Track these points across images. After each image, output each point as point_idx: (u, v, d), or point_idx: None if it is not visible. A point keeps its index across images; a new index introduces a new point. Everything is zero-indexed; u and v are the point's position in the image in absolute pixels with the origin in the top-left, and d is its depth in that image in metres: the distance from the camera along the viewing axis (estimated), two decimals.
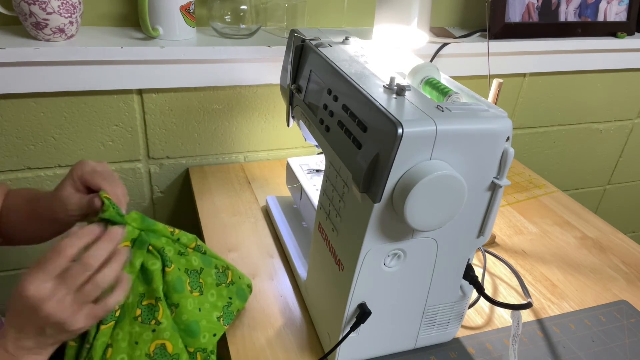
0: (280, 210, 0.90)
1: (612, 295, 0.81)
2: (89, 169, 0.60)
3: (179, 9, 0.90)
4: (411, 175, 0.49)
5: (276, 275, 0.79)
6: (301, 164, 0.88)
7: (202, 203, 0.95)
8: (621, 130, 1.46)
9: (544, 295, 0.80)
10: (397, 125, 0.48)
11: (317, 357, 0.66)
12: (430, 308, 0.64)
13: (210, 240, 0.85)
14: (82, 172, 0.60)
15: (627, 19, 1.23)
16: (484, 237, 0.60)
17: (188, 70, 0.94)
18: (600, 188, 1.57)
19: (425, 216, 0.51)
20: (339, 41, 0.73)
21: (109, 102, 0.95)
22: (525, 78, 1.25)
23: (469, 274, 0.62)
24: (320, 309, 0.68)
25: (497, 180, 0.55)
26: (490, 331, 0.72)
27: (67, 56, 0.85)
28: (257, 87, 1.03)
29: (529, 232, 0.95)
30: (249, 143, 1.10)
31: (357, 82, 0.58)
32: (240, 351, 0.66)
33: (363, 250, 0.54)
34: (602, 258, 0.89)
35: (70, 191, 0.61)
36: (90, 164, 0.61)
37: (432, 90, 0.60)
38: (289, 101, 0.77)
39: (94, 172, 0.60)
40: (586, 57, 1.24)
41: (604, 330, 0.74)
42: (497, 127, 0.53)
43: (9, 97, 0.89)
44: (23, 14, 0.82)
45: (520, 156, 1.37)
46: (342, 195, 0.58)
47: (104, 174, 0.60)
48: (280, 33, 1.01)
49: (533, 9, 1.13)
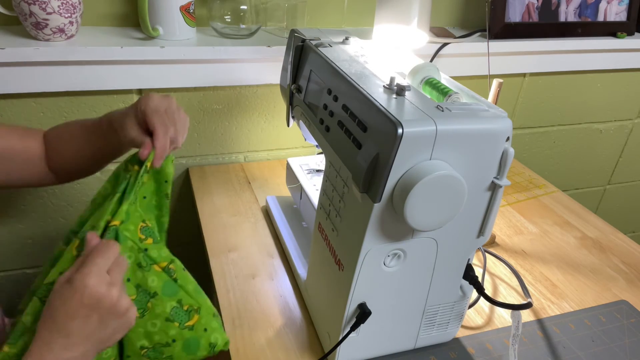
0: (280, 210, 0.90)
1: (612, 295, 0.81)
2: (152, 105, 0.61)
3: (179, 9, 0.90)
4: (411, 175, 0.49)
5: (276, 275, 0.79)
6: (301, 164, 0.88)
7: (202, 203, 0.95)
8: (621, 130, 1.46)
9: (544, 295, 0.80)
10: (397, 125, 0.48)
11: (317, 357, 0.66)
12: (430, 308, 0.64)
13: (210, 240, 0.85)
14: (145, 107, 0.61)
15: (627, 19, 1.23)
16: (484, 237, 0.60)
17: (188, 70, 0.94)
18: (600, 188, 1.57)
19: (425, 216, 0.51)
20: (339, 41, 0.73)
21: (109, 102, 0.95)
22: (525, 78, 1.25)
23: (469, 274, 0.62)
24: (320, 309, 0.68)
25: (497, 180, 0.55)
26: (490, 331, 0.72)
27: (67, 56, 0.85)
28: (257, 87, 1.03)
29: (529, 232, 0.95)
30: (249, 143, 1.10)
31: (357, 82, 0.58)
32: (240, 351, 0.66)
33: (363, 250, 0.54)
34: (602, 258, 0.89)
35: (132, 122, 0.62)
36: (154, 100, 0.62)
37: (432, 90, 0.60)
38: (289, 101, 0.77)
39: (155, 111, 0.61)
40: (586, 57, 1.24)
41: (604, 330, 0.74)
42: (497, 127, 0.53)
43: (9, 97, 0.89)
44: (23, 14, 0.82)
45: (520, 156, 1.37)
46: (342, 195, 0.58)
47: (164, 115, 0.61)
48: (280, 33, 1.01)
49: (533, 9, 1.13)
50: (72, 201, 1.03)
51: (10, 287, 1.09)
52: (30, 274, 1.08)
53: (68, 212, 1.04)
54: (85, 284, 0.49)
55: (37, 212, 1.02)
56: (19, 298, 1.10)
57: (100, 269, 0.50)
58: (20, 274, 1.08)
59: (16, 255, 1.05)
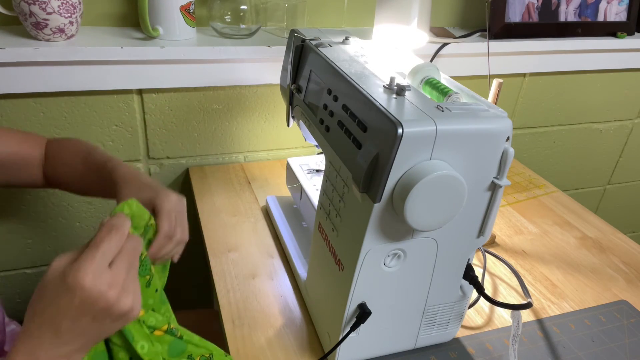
0: (280, 210, 0.90)
1: (612, 295, 0.81)
2: (167, 208, 0.59)
3: (179, 9, 0.90)
4: (411, 175, 0.49)
5: (276, 275, 0.79)
6: (301, 164, 0.88)
7: (202, 203, 0.95)
8: (621, 130, 1.46)
9: (544, 295, 0.80)
10: (397, 125, 0.48)
11: (317, 357, 0.66)
12: (430, 308, 0.64)
13: (210, 240, 0.85)
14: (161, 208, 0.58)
15: (627, 19, 1.23)
16: (484, 237, 0.60)
17: (188, 70, 0.94)
18: (600, 188, 1.57)
19: (425, 216, 0.51)
20: (339, 41, 0.73)
21: (109, 102, 0.95)
22: (525, 78, 1.25)
23: (469, 274, 0.62)
24: (320, 309, 0.68)
25: (497, 180, 0.55)
26: (490, 331, 0.72)
27: (67, 56, 0.85)
28: (257, 87, 1.03)
29: (529, 232, 0.95)
30: (249, 143, 1.10)
31: (357, 82, 0.58)
32: (240, 351, 0.66)
33: (363, 250, 0.54)
34: (602, 258, 0.89)
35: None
36: (171, 202, 0.59)
37: (432, 90, 0.60)
38: (289, 101, 0.77)
39: (167, 214, 0.58)
40: (586, 57, 1.24)
41: (604, 330, 0.74)
42: (497, 127, 0.53)
43: (9, 97, 0.89)
44: (23, 14, 0.82)
45: (520, 156, 1.37)
46: (342, 195, 0.58)
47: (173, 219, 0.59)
48: (280, 33, 1.01)
49: (533, 9, 1.13)
50: (72, 201, 1.03)
51: (10, 287, 1.09)
52: (30, 274, 1.08)
53: (68, 212, 1.04)
54: (79, 284, 0.43)
55: (37, 212, 1.02)
56: (19, 298, 1.10)
57: (99, 266, 0.45)
58: (20, 274, 1.08)
59: (16, 255, 1.05)
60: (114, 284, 0.45)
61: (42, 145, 0.75)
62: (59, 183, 0.75)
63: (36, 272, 1.09)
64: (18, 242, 1.04)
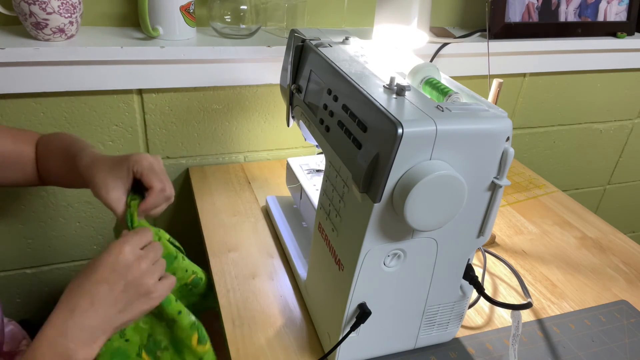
0: (280, 210, 0.90)
1: (612, 295, 0.81)
2: (147, 164, 0.62)
3: (179, 9, 0.90)
4: (411, 175, 0.49)
5: (276, 275, 0.79)
6: (301, 164, 0.88)
7: (202, 203, 0.95)
8: (621, 130, 1.46)
9: (544, 295, 0.80)
10: (397, 125, 0.48)
11: (317, 357, 0.66)
12: (430, 308, 0.64)
13: (210, 240, 0.85)
14: (141, 167, 0.62)
15: (627, 19, 1.23)
16: (484, 237, 0.60)
17: (188, 70, 0.94)
18: (600, 188, 1.57)
19: (425, 216, 0.51)
20: (339, 41, 0.73)
21: (109, 102, 0.95)
22: (525, 78, 1.25)
23: (469, 274, 0.62)
24: (320, 309, 0.68)
25: (497, 180, 0.55)
26: (490, 331, 0.72)
27: (67, 56, 0.85)
28: (257, 87, 1.03)
29: (529, 232, 0.95)
30: (249, 143, 1.10)
31: (357, 82, 0.58)
32: (240, 351, 0.66)
33: (363, 250, 0.54)
34: (602, 258, 0.89)
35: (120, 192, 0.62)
36: (148, 160, 0.63)
37: (432, 90, 0.60)
38: (289, 101, 0.77)
39: (151, 170, 0.62)
40: (586, 57, 1.24)
41: (604, 330, 0.74)
42: (497, 127, 0.53)
43: (9, 97, 0.89)
44: (23, 14, 0.82)
45: (520, 156, 1.37)
46: (342, 195, 0.58)
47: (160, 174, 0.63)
48: (280, 33, 1.01)
49: (533, 9, 1.13)
50: (72, 201, 1.03)
51: (10, 287, 1.09)
52: (30, 274, 1.08)
53: (68, 212, 1.04)
54: (121, 249, 0.53)
55: (37, 212, 1.02)
56: (19, 298, 1.10)
57: (136, 244, 0.55)
58: (20, 274, 1.08)
59: (16, 255, 1.05)
60: (143, 258, 0.55)
61: (35, 141, 0.75)
62: (50, 179, 0.76)
63: (36, 272, 1.09)
64: (18, 242, 1.04)
